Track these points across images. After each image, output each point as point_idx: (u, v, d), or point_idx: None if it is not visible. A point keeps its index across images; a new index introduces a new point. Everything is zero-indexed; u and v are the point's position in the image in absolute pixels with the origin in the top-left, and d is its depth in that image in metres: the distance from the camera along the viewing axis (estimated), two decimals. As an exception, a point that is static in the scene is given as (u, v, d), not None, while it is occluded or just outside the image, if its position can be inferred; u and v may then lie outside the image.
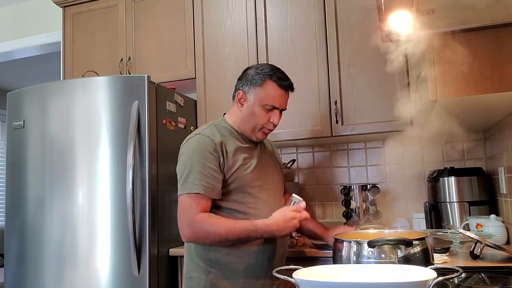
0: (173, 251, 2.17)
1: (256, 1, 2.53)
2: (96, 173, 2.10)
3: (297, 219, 1.44)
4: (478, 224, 1.90)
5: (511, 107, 1.67)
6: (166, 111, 2.28)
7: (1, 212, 5.12)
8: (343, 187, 2.34)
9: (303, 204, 1.48)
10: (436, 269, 0.86)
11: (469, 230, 1.90)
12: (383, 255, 1.11)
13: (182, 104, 2.45)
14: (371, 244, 1.12)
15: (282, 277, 0.93)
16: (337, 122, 2.30)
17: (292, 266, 0.95)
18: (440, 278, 0.82)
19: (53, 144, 2.19)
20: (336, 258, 1.21)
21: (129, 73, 2.74)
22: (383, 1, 1.32)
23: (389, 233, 1.35)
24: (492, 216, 1.90)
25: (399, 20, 1.37)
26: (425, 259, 1.13)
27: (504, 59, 1.38)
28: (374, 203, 2.32)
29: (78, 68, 2.90)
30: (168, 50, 2.69)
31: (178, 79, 2.65)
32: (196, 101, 2.61)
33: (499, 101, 1.54)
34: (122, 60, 2.78)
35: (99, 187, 2.09)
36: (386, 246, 1.11)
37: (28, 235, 2.20)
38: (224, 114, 1.66)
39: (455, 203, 2.10)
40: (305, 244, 2.12)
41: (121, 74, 2.75)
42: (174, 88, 2.45)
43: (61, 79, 2.99)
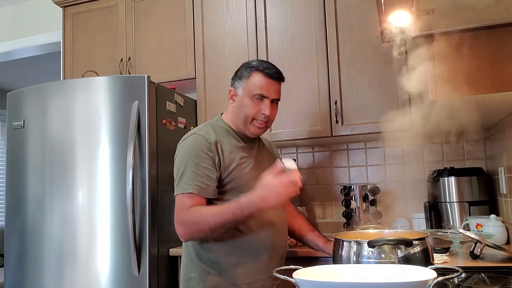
0: (173, 251, 2.17)
1: (256, 1, 2.53)
2: (96, 173, 2.10)
3: (287, 184, 1.31)
4: (478, 224, 1.90)
5: (511, 107, 1.67)
6: (166, 111, 2.28)
7: (1, 212, 5.12)
8: (343, 187, 2.34)
9: (288, 165, 1.36)
10: (436, 269, 0.86)
11: (469, 230, 1.90)
12: (383, 255, 1.11)
13: (182, 104, 2.45)
14: (371, 244, 1.12)
15: (282, 277, 0.93)
16: (337, 122, 2.30)
17: (292, 266, 0.95)
18: (440, 278, 0.82)
19: (53, 144, 2.19)
20: (336, 258, 1.21)
21: (129, 73, 2.74)
22: (383, 1, 1.32)
23: (389, 233, 1.34)
24: (492, 216, 1.90)
25: (399, 20, 1.37)
26: (425, 259, 1.13)
27: (504, 59, 1.38)
28: (374, 203, 2.32)
29: (78, 68, 2.90)
30: (168, 50, 2.69)
31: (178, 79, 2.65)
32: (196, 101, 2.61)
33: (499, 101, 1.54)
34: (122, 60, 2.78)
35: (99, 187, 2.09)
36: (386, 246, 1.11)
37: (28, 235, 2.20)
38: (222, 114, 1.65)
39: (455, 203, 2.10)
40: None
41: (121, 74, 2.75)
42: (174, 88, 2.45)
43: (61, 79, 2.99)
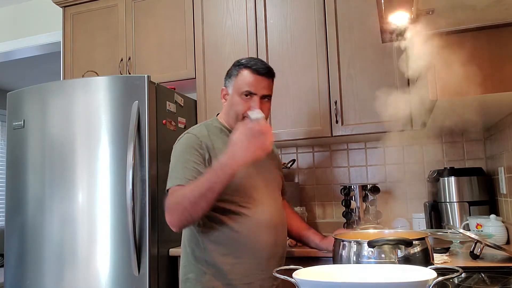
0: (173, 251, 2.17)
1: (256, 1, 2.53)
2: (96, 173, 2.10)
3: (253, 137, 1.26)
4: (478, 224, 1.90)
5: (511, 107, 1.67)
6: (166, 111, 2.28)
7: (1, 212, 5.12)
8: (343, 187, 2.34)
9: (254, 116, 1.30)
10: (436, 269, 0.86)
11: (469, 230, 1.90)
12: (383, 255, 1.11)
13: (182, 104, 2.45)
14: (371, 244, 1.12)
15: (282, 277, 0.93)
16: (337, 122, 2.30)
17: (292, 266, 0.95)
18: (440, 278, 0.82)
19: (53, 144, 2.19)
20: (336, 258, 1.21)
21: (129, 73, 2.74)
22: (383, 1, 1.32)
23: (389, 233, 1.34)
24: (492, 216, 1.90)
25: (399, 20, 1.37)
26: (425, 259, 1.13)
27: (504, 59, 1.38)
28: (374, 203, 2.33)
29: (78, 68, 2.90)
30: (168, 50, 2.69)
31: (178, 79, 2.65)
32: (196, 101, 2.61)
33: (499, 101, 1.54)
34: (122, 60, 2.78)
35: (99, 187, 2.09)
36: (386, 246, 1.11)
37: (28, 235, 2.20)
38: (217, 115, 1.65)
39: (455, 203, 2.10)
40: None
41: (121, 74, 2.75)
42: (174, 88, 2.45)
43: (61, 79, 2.99)
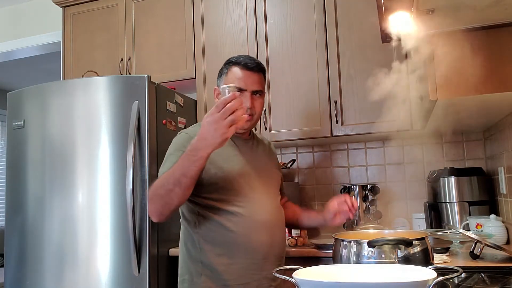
0: (173, 251, 2.17)
1: (256, 1, 2.53)
2: (96, 173, 2.10)
3: (222, 115, 1.18)
4: (478, 224, 1.90)
5: (511, 107, 1.68)
6: (166, 111, 2.28)
7: (1, 212, 5.12)
8: (343, 187, 2.34)
9: (226, 91, 1.24)
10: (436, 269, 0.86)
11: (469, 230, 1.90)
12: (383, 255, 1.11)
13: (182, 104, 2.45)
14: (371, 244, 1.12)
15: (282, 277, 0.93)
16: (337, 122, 2.30)
17: (292, 266, 0.95)
18: (440, 278, 0.82)
19: (53, 144, 2.19)
20: (336, 258, 1.21)
21: (129, 73, 2.74)
22: (383, 1, 1.32)
23: (389, 233, 1.34)
24: (492, 216, 1.90)
25: (399, 20, 1.37)
26: (425, 259, 1.13)
27: (504, 59, 1.38)
28: (374, 203, 2.33)
29: (78, 68, 2.90)
30: (168, 50, 2.69)
31: (178, 79, 2.65)
32: (196, 101, 2.61)
33: (499, 101, 1.54)
34: (122, 60, 2.78)
35: (99, 187, 2.09)
36: (386, 246, 1.11)
37: (28, 235, 2.20)
38: None
39: (455, 203, 2.10)
40: (305, 244, 2.12)
41: (121, 74, 2.75)
42: (174, 88, 2.45)
43: (61, 79, 2.99)
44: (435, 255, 1.47)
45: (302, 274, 0.89)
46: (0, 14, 3.62)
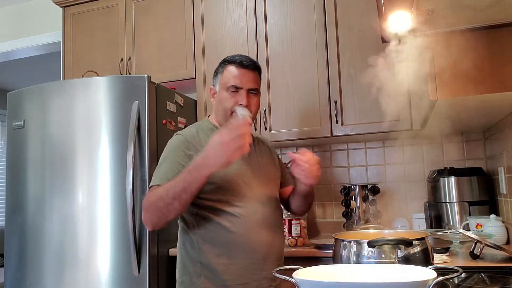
0: (173, 251, 2.17)
1: (256, 1, 2.53)
2: (96, 173, 2.10)
3: (231, 141, 1.21)
4: (478, 224, 1.90)
5: (511, 107, 1.68)
6: (166, 111, 2.28)
7: (1, 212, 5.12)
8: (343, 187, 2.34)
9: (241, 112, 1.26)
10: (436, 269, 0.86)
11: (469, 230, 1.90)
12: (383, 255, 1.11)
13: (182, 104, 2.45)
14: (371, 244, 1.12)
15: (282, 277, 0.93)
16: (337, 122, 2.30)
17: (292, 266, 0.95)
18: (440, 278, 0.82)
19: (53, 144, 2.19)
20: (336, 258, 1.21)
21: (129, 73, 2.74)
22: (383, 1, 1.32)
23: (389, 233, 1.34)
24: (492, 216, 1.91)
25: (399, 20, 1.37)
26: (425, 259, 1.13)
27: (504, 59, 1.38)
28: (374, 203, 2.33)
29: (78, 68, 2.90)
30: (168, 50, 2.70)
31: (178, 79, 2.65)
32: (196, 101, 2.61)
33: (499, 101, 1.54)
34: (122, 60, 2.78)
35: (99, 187, 2.09)
36: (386, 246, 1.11)
37: (28, 235, 2.20)
38: (209, 116, 1.63)
39: (455, 203, 2.10)
40: (305, 244, 2.12)
41: (121, 74, 2.75)
42: (174, 88, 2.45)
43: (61, 79, 2.99)
44: (435, 255, 1.47)
45: (302, 274, 0.89)
46: (0, 14, 3.62)
